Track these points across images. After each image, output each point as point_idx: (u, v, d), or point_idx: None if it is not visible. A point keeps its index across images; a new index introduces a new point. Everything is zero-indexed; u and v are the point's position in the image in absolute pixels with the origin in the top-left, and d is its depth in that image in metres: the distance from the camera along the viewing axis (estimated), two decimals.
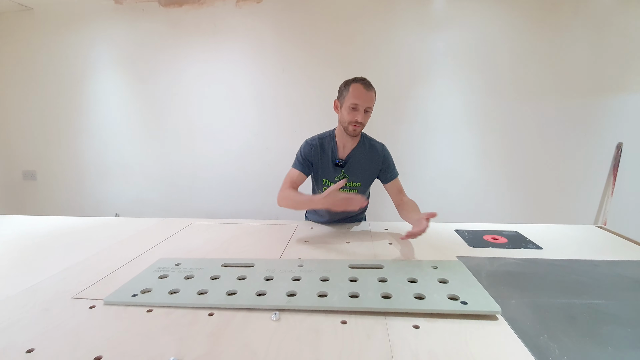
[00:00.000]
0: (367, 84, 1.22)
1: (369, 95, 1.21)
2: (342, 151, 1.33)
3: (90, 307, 0.79)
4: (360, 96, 1.20)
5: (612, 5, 2.07)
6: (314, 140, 1.35)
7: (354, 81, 1.23)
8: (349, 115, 1.22)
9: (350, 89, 1.22)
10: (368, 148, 1.35)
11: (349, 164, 1.33)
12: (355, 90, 1.20)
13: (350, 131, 1.25)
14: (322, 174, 1.35)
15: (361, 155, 1.34)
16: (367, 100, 1.21)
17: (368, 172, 1.36)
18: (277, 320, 0.72)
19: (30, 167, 2.83)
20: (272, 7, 2.35)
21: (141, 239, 1.27)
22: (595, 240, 1.20)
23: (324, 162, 1.33)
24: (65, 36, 2.59)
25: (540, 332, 0.68)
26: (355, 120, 1.21)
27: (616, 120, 2.18)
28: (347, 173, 1.33)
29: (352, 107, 1.21)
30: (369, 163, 1.34)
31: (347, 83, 1.25)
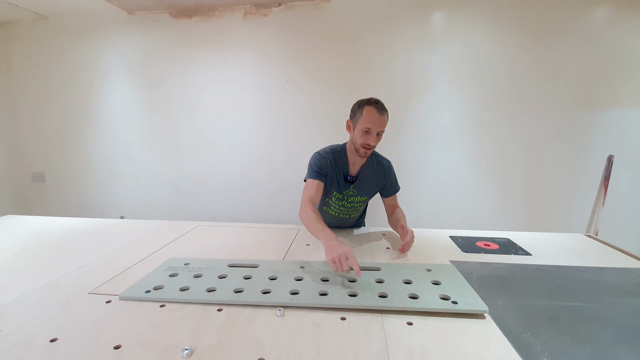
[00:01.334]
0: (381, 108, 1.20)
1: (382, 119, 1.20)
2: (353, 168, 1.35)
3: (107, 302, 0.84)
4: (373, 120, 1.19)
5: (602, 23, 2.16)
6: (327, 154, 1.34)
7: (368, 103, 1.21)
8: (361, 138, 1.22)
9: (363, 112, 1.20)
10: (376, 164, 1.38)
11: (358, 180, 1.36)
12: (369, 114, 1.19)
13: (362, 153, 1.26)
14: (333, 186, 1.36)
15: (370, 172, 1.37)
16: (380, 124, 1.20)
17: (374, 188, 1.40)
18: (282, 316, 0.78)
19: (39, 169, 2.89)
20: (278, 20, 2.45)
21: (150, 240, 1.33)
22: (583, 248, 1.25)
23: (337, 176, 1.34)
24: (79, 44, 2.68)
25: (524, 330, 0.73)
26: (367, 143, 1.21)
27: (607, 134, 2.25)
28: (356, 189, 1.37)
29: (364, 131, 1.20)
30: (375, 179, 1.38)
31: (361, 104, 1.22)
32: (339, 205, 1.41)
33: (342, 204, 1.41)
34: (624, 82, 2.18)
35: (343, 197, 1.39)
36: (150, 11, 2.56)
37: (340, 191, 1.37)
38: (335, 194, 1.38)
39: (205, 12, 2.50)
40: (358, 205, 1.43)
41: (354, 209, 1.44)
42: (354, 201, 1.40)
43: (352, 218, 1.50)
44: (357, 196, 1.39)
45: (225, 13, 2.49)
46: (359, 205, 1.43)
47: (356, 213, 1.48)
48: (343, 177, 1.35)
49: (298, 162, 2.54)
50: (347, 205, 1.41)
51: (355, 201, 1.40)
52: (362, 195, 1.40)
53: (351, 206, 1.42)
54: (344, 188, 1.37)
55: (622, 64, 2.16)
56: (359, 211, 1.48)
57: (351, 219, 1.49)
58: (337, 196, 1.38)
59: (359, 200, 1.41)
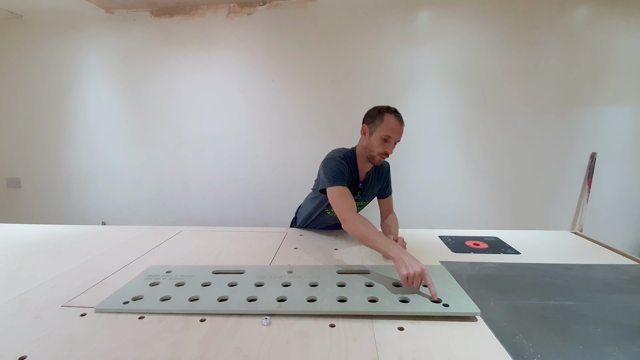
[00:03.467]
0: (401, 118, 1.20)
1: (402, 128, 1.20)
2: (361, 174, 1.33)
3: (81, 315, 0.80)
4: (394, 130, 1.18)
5: (584, 24, 2.20)
6: (343, 160, 1.27)
7: (388, 111, 1.20)
8: (379, 146, 1.20)
9: (385, 119, 1.18)
10: (379, 169, 1.38)
11: (365, 188, 1.35)
12: (390, 122, 1.18)
13: (377, 161, 1.24)
14: None
15: (374, 177, 1.37)
16: (400, 133, 1.20)
17: (375, 192, 1.42)
18: (268, 325, 0.74)
19: (14, 174, 2.77)
20: (263, 19, 2.41)
21: (131, 247, 1.27)
22: (570, 246, 1.27)
23: (349, 184, 1.30)
24: (55, 44, 2.57)
25: (516, 332, 0.72)
26: (386, 152, 1.20)
27: (590, 132, 2.29)
28: (362, 195, 1.36)
29: (384, 138, 1.19)
30: (377, 183, 1.40)
31: (382, 111, 1.21)
32: None
33: None
34: (606, 80, 2.23)
35: None
36: (129, 9, 2.48)
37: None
38: None
39: (188, 11, 2.44)
40: (359, 209, 1.42)
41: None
42: (357, 205, 1.38)
43: None
44: (361, 201, 1.39)
45: (209, 12, 2.43)
46: (359, 209, 1.43)
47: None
48: (354, 185, 1.31)
49: (285, 164, 2.50)
50: None
51: (358, 205, 1.40)
52: (365, 200, 1.41)
53: None
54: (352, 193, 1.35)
55: (603, 62, 2.21)
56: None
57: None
58: None
59: (361, 205, 1.41)
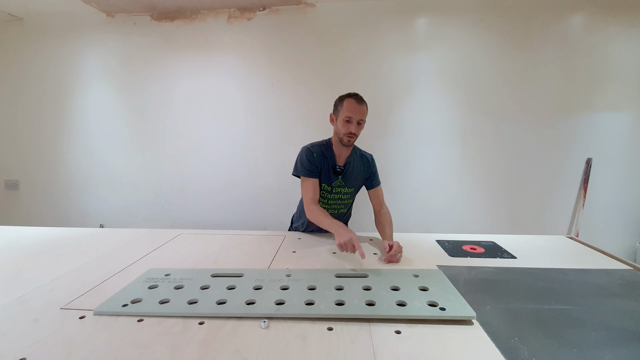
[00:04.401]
0: (360, 99, 1.32)
1: (361, 108, 1.31)
2: (339, 159, 1.43)
3: (80, 318, 0.80)
4: (353, 110, 1.30)
5: (579, 31, 2.24)
6: (315, 147, 1.42)
7: (348, 96, 1.33)
8: (343, 128, 1.32)
9: (344, 104, 1.32)
10: (360, 157, 1.47)
11: (345, 171, 1.43)
12: (349, 104, 1.31)
13: (345, 142, 1.35)
14: (322, 179, 1.42)
15: (355, 163, 1.45)
16: (359, 113, 1.30)
17: (360, 179, 1.47)
18: (266, 328, 0.75)
19: (12, 176, 2.76)
20: (263, 24, 2.43)
21: (130, 250, 1.28)
22: (565, 250, 1.28)
23: (325, 169, 1.41)
24: (55, 47, 2.58)
25: (512, 336, 0.73)
26: (350, 131, 1.31)
27: (585, 137, 2.32)
28: (344, 179, 1.43)
29: (346, 120, 1.31)
30: (360, 171, 1.46)
31: (342, 98, 1.34)
32: (327, 198, 1.46)
33: (330, 197, 1.46)
34: (601, 87, 2.25)
35: (331, 190, 1.44)
36: (130, 13, 2.50)
37: (329, 183, 1.42)
38: (324, 186, 1.43)
39: (188, 15, 2.46)
40: (345, 197, 1.48)
41: (341, 202, 1.48)
42: (341, 192, 1.45)
43: (340, 215, 1.53)
44: (345, 187, 1.45)
45: (209, 16, 2.45)
46: (346, 197, 1.48)
47: (344, 208, 1.52)
48: (331, 168, 1.41)
49: (284, 167, 2.51)
50: (335, 197, 1.46)
51: (342, 192, 1.45)
52: (349, 187, 1.46)
53: (339, 198, 1.47)
54: (333, 179, 1.42)
55: (598, 68, 2.24)
56: (346, 205, 1.52)
57: (339, 215, 1.52)
58: (325, 188, 1.43)
59: (346, 192, 1.46)
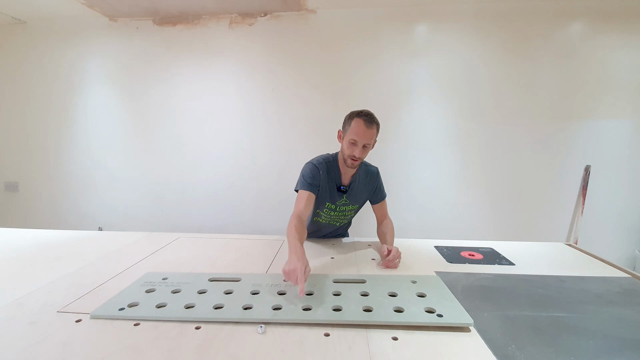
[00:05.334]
0: (369, 120, 1.20)
1: (369, 132, 1.20)
2: (345, 177, 1.35)
3: (77, 321, 0.80)
4: (359, 133, 1.19)
5: (578, 38, 2.25)
6: (321, 164, 1.33)
7: (358, 116, 1.21)
8: (348, 149, 1.23)
9: (352, 124, 1.21)
10: (365, 173, 1.39)
11: (350, 190, 1.36)
12: (356, 126, 1.20)
13: (349, 164, 1.26)
14: (326, 197, 1.35)
15: (360, 180, 1.38)
16: (366, 137, 1.20)
17: (365, 195, 1.41)
18: (263, 333, 0.75)
19: (12, 178, 2.77)
20: (264, 30, 2.45)
21: (127, 253, 1.27)
22: (563, 257, 1.28)
23: (330, 187, 1.34)
24: (58, 50, 2.60)
25: (509, 343, 0.73)
26: (353, 155, 1.22)
27: (584, 144, 2.32)
28: (348, 198, 1.37)
29: (351, 142, 1.21)
30: (366, 187, 1.39)
31: (352, 116, 1.23)
32: (330, 215, 1.41)
33: (333, 214, 1.41)
34: (599, 95, 2.27)
35: (336, 208, 1.38)
36: (132, 18, 2.52)
37: (334, 201, 1.36)
38: (328, 204, 1.37)
39: (190, 20, 2.48)
40: (349, 213, 1.44)
41: (344, 217, 1.44)
42: (345, 210, 1.41)
43: (341, 225, 1.51)
44: (349, 205, 1.40)
45: (210, 22, 2.47)
46: (349, 213, 1.44)
47: (346, 220, 1.49)
48: (336, 187, 1.35)
49: (284, 172, 2.51)
50: (339, 214, 1.41)
51: (347, 210, 1.41)
52: (354, 204, 1.41)
53: (342, 214, 1.42)
54: (337, 198, 1.36)
55: (597, 76, 2.25)
56: (348, 218, 1.49)
57: (340, 226, 1.50)
58: (329, 206, 1.37)
59: (351, 209, 1.42)
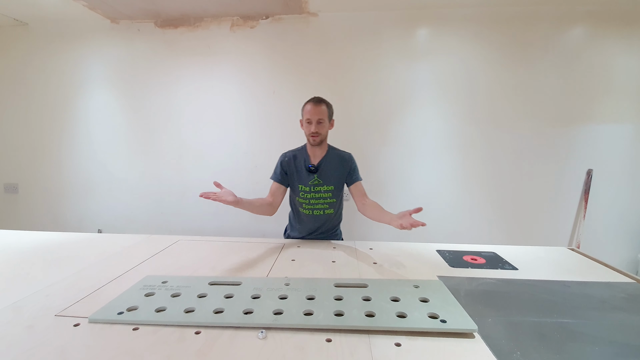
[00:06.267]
0: (317, 100, 1.44)
1: (319, 108, 1.42)
2: (314, 159, 1.52)
3: (75, 325, 0.79)
4: (311, 111, 1.42)
5: (579, 43, 2.26)
6: (288, 153, 1.57)
7: (308, 101, 1.46)
8: (306, 129, 1.46)
9: (304, 109, 1.46)
10: (337, 156, 1.54)
11: (321, 169, 1.50)
12: (307, 107, 1.44)
13: (311, 141, 1.46)
14: (297, 180, 1.52)
15: (331, 162, 1.52)
16: (317, 113, 1.42)
17: (338, 176, 1.52)
18: (264, 339, 0.74)
19: (12, 179, 2.76)
20: (265, 33, 2.45)
21: (127, 256, 1.27)
22: (567, 262, 1.27)
23: (299, 170, 1.51)
24: (59, 52, 2.60)
25: (514, 350, 0.72)
26: (311, 131, 1.43)
27: (585, 148, 2.32)
28: (320, 177, 1.50)
29: (307, 122, 1.44)
30: (338, 168, 1.52)
31: (304, 104, 1.48)
32: (308, 199, 1.51)
33: (310, 197, 1.51)
34: (601, 99, 2.27)
35: (310, 190, 1.50)
36: (134, 20, 2.52)
37: (306, 183, 1.50)
38: (301, 187, 1.50)
39: (192, 23, 2.48)
40: (326, 195, 1.51)
41: (324, 201, 1.52)
42: (320, 190, 1.51)
43: (328, 215, 1.55)
44: (323, 185, 1.50)
45: (212, 24, 2.48)
46: (327, 195, 1.51)
47: (329, 207, 1.53)
48: (305, 168, 1.50)
49: None
50: (317, 196, 1.51)
51: (322, 190, 1.51)
52: (328, 184, 1.51)
53: (320, 197, 1.51)
54: (309, 178, 1.50)
55: (598, 80, 2.25)
56: (331, 205, 1.53)
57: (327, 215, 1.54)
58: (303, 189, 1.50)
59: (326, 190, 1.51)
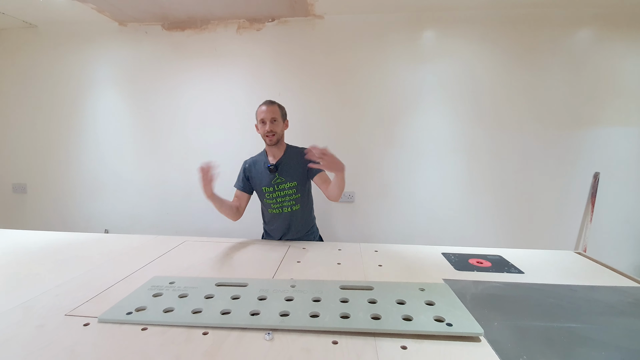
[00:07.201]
0: (269, 102, 1.50)
1: (271, 108, 1.48)
2: (273, 159, 1.57)
3: (85, 325, 0.80)
4: (262, 112, 1.48)
5: (586, 46, 2.25)
6: (249, 159, 1.64)
7: (260, 105, 1.52)
8: (261, 130, 1.51)
9: (257, 111, 1.51)
10: (296, 152, 1.57)
11: (281, 168, 1.54)
12: (260, 109, 1.50)
13: (268, 141, 1.51)
14: (260, 183, 1.56)
15: (290, 159, 1.55)
16: (269, 112, 1.47)
17: (299, 172, 1.55)
18: (271, 340, 0.74)
19: (21, 180, 2.79)
20: (271, 35, 2.46)
21: (134, 256, 1.28)
22: (573, 266, 1.26)
23: (259, 173, 1.57)
24: (68, 54, 2.63)
25: (520, 354, 0.71)
26: (265, 130, 1.48)
27: (592, 151, 2.30)
28: (282, 175, 1.54)
29: (261, 122, 1.49)
30: (298, 164, 1.54)
31: (257, 109, 1.52)
32: (274, 198, 1.55)
33: (276, 196, 1.55)
34: (608, 101, 2.25)
35: (274, 189, 1.54)
36: (142, 22, 2.55)
37: (269, 183, 1.54)
38: (265, 189, 1.55)
39: (199, 25, 2.51)
40: (290, 192, 1.55)
41: (289, 198, 1.55)
42: (284, 188, 1.54)
43: (295, 213, 1.56)
44: (286, 182, 1.54)
45: (219, 27, 2.50)
46: (291, 192, 1.55)
47: (296, 203, 1.57)
48: (265, 168, 1.55)
49: None
50: (281, 194, 1.55)
51: (286, 187, 1.54)
52: (290, 181, 1.54)
53: (285, 194, 1.55)
54: (270, 178, 1.54)
55: (605, 83, 2.24)
56: (297, 201, 1.56)
57: (293, 212, 1.56)
58: (267, 190, 1.55)
59: (290, 186, 1.54)
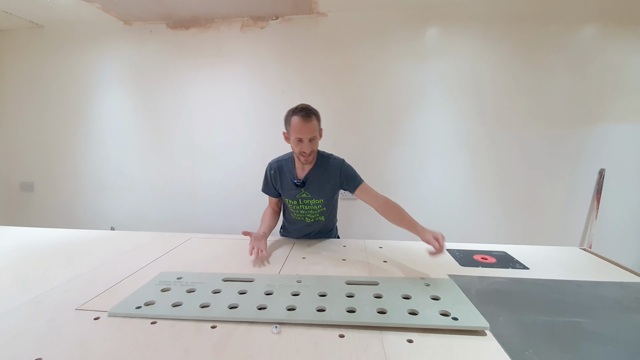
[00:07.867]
0: (306, 115, 1.22)
1: (309, 126, 1.22)
2: (301, 172, 1.38)
3: (95, 319, 0.81)
4: (301, 130, 1.22)
5: (591, 41, 2.23)
6: (274, 164, 1.42)
7: (294, 113, 1.24)
8: (296, 148, 1.27)
9: (292, 122, 1.24)
10: (326, 166, 1.37)
11: (308, 183, 1.36)
12: (296, 124, 1.22)
13: (302, 161, 1.30)
14: (284, 194, 1.43)
15: (319, 174, 1.37)
16: (308, 131, 1.22)
17: (328, 189, 1.39)
18: (278, 334, 0.75)
19: (28, 178, 2.83)
20: (275, 33, 2.47)
21: (142, 253, 1.30)
22: (578, 262, 1.26)
23: (285, 184, 1.40)
24: (74, 54, 2.65)
25: (526, 348, 0.72)
26: (302, 151, 1.26)
27: (597, 148, 2.29)
28: (308, 191, 1.38)
29: (297, 140, 1.24)
30: (327, 180, 1.37)
31: (289, 114, 1.26)
32: (297, 210, 1.44)
33: (299, 208, 1.43)
34: (613, 98, 2.23)
35: (298, 203, 1.41)
36: (147, 22, 2.56)
37: (293, 197, 1.40)
38: (289, 200, 1.43)
39: (203, 24, 2.52)
40: (317, 207, 1.41)
41: (314, 211, 1.43)
42: (310, 204, 1.41)
43: (319, 222, 1.47)
44: (312, 199, 1.39)
45: (223, 25, 2.50)
46: (317, 207, 1.41)
47: (320, 215, 1.45)
48: (291, 182, 1.38)
49: None
50: (306, 208, 1.42)
51: (311, 204, 1.41)
52: (317, 198, 1.39)
53: (310, 208, 1.42)
54: (296, 192, 1.39)
55: (610, 80, 2.22)
56: (322, 213, 1.44)
57: (318, 222, 1.47)
58: (291, 202, 1.42)
59: (316, 203, 1.40)
